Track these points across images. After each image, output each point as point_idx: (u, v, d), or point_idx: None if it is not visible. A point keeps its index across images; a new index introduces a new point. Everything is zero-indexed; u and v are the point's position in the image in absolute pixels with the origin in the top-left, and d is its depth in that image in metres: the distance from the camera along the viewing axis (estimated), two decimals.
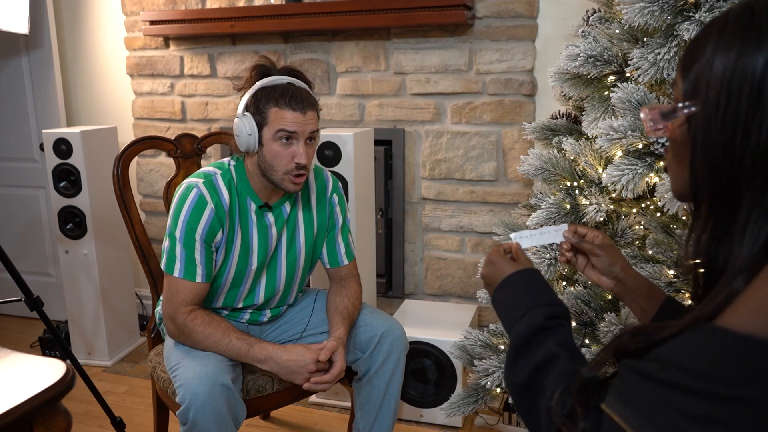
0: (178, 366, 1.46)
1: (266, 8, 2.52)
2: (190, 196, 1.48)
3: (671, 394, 0.57)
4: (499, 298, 0.96)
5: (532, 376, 0.80)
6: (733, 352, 0.55)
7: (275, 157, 1.48)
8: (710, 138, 0.66)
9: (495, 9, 2.37)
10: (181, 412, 1.37)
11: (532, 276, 0.95)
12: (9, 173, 3.10)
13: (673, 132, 0.73)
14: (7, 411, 0.96)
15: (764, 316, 0.55)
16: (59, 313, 3.01)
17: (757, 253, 0.62)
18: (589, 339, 1.61)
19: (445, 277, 2.64)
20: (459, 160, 2.52)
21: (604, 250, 1.05)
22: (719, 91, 0.65)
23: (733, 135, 0.64)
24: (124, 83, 3.01)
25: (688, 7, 1.43)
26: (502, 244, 1.03)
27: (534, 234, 1.07)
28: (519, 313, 0.89)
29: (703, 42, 0.69)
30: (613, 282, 1.05)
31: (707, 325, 0.59)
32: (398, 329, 1.65)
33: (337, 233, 1.72)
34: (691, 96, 0.69)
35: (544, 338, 0.83)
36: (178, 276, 1.49)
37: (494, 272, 0.98)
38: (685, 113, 0.69)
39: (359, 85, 2.62)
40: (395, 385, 1.64)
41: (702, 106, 0.67)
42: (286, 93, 1.46)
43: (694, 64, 0.69)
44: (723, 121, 0.64)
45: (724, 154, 0.65)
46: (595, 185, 1.65)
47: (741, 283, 0.60)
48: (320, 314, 1.73)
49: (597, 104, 1.65)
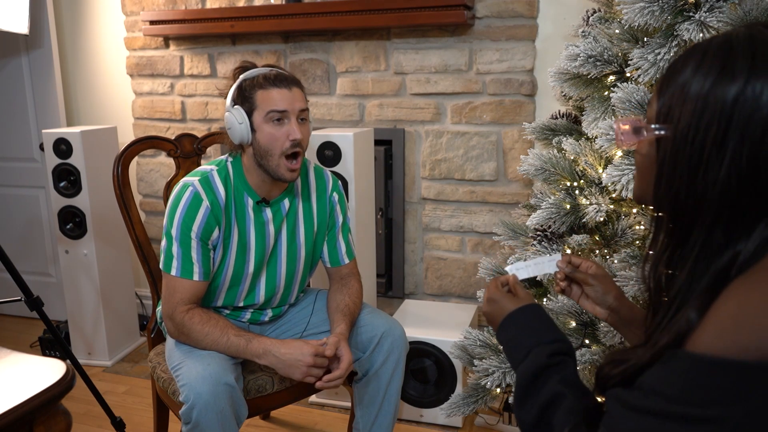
0: (180, 365, 1.46)
1: (266, 8, 2.52)
2: (185, 195, 1.50)
3: (653, 421, 0.60)
4: (503, 337, 0.97)
5: (540, 416, 0.82)
6: (703, 375, 0.58)
7: (269, 140, 1.49)
8: (676, 168, 0.69)
9: (495, 9, 2.37)
10: (184, 411, 1.37)
11: (534, 312, 0.96)
12: (9, 173, 3.10)
13: (641, 147, 0.76)
14: (7, 411, 0.96)
15: (725, 338, 0.58)
16: (59, 313, 3.01)
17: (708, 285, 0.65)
18: (589, 339, 1.61)
19: (445, 277, 2.64)
20: (459, 160, 2.52)
21: (597, 280, 1.07)
22: (689, 124, 0.67)
23: (697, 169, 0.66)
24: (124, 83, 3.01)
25: (688, 7, 1.43)
26: (499, 277, 1.05)
27: (529, 265, 1.10)
28: (523, 352, 0.90)
29: (683, 64, 0.71)
30: (607, 312, 1.07)
31: (677, 351, 0.62)
32: (398, 329, 1.65)
33: (337, 232, 1.72)
34: (664, 119, 0.71)
35: (548, 377, 0.85)
36: (176, 275, 1.50)
37: (496, 310, 1.00)
38: (655, 135, 0.72)
39: (359, 85, 2.62)
40: (395, 386, 1.64)
41: (672, 134, 0.69)
42: (268, 75, 1.51)
43: (671, 86, 0.71)
44: (690, 154, 0.67)
45: (687, 188, 0.68)
46: (595, 185, 1.65)
47: (694, 314, 0.64)
48: (320, 314, 1.73)
49: (597, 104, 1.65)
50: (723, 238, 0.66)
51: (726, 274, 0.65)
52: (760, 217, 0.65)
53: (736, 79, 0.64)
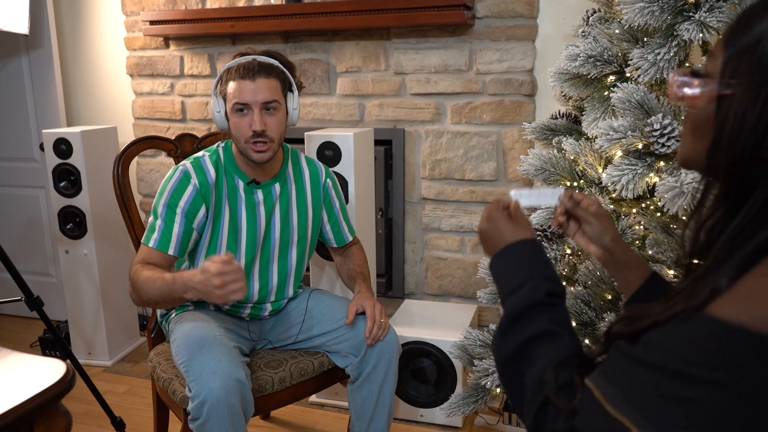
0: (190, 361, 1.45)
1: (266, 8, 2.52)
2: (176, 174, 1.58)
3: (653, 375, 0.59)
4: (498, 263, 0.94)
5: (522, 346, 0.80)
6: (717, 340, 0.56)
7: (236, 129, 1.57)
8: (742, 131, 0.62)
9: (495, 9, 2.37)
10: (194, 406, 1.36)
11: (534, 247, 0.93)
12: (9, 173, 3.10)
13: (698, 103, 0.69)
14: (7, 411, 0.96)
15: (752, 308, 0.56)
16: (59, 313, 3.01)
17: (748, 253, 0.62)
18: (589, 339, 1.61)
19: (445, 277, 2.64)
20: (459, 160, 2.52)
21: (596, 218, 1.05)
22: (762, 83, 0.61)
23: (764, 136, 0.61)
24: (124, 83, 3.01)
25: (688, 7, 1.43)
26: (502, 200, 1.01)
27: (532, 194, 1.07)
28: (518, 282, 0.87)
29: (760, 14, 0.63)
30: (601, 251, 1.05)
31: (696, 312, 0.60)
32: (389, 332, 1.66)
33: (338, 215, 1.83)
34: (731, 74, 0.64)
35: (541, 313, 0.82)
36: (152, 246, 1.55)
37: (493, 230, 0.96)
38: (721, 90, 0.65)
39: (359, 85, 2.62)
40: (388, 389, 1.64)
41: (740, 93, 0.63)
42: (240, 66, 1.55)
43: (743, 36, 0.64)
44: (759, 118, 0.61)
45: (751, 152, 0.62)
46: (595, 185, 1.65)
47: (725, 281, 0.61)
48: (313, 313, 1.73)
49: (597, 104, 1.65)
50: None
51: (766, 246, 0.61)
52: None
53: None
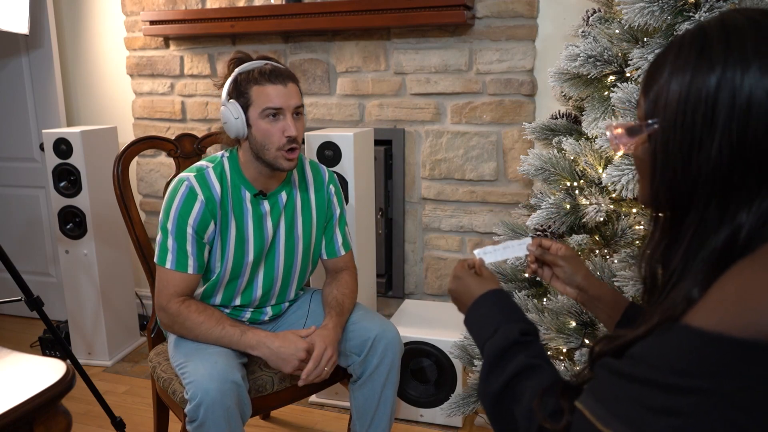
0: (186, 363, 1.46)
1: (266, 8, 2.52)
2: (181, 190, 1.52)
3: (638, 388, 0.61)
4: (471, 316, 0.98)
5: (506, 384, 0.82)
6: (697, 348, 0.58)
7: (265, 136, 1.50)
8: (668, 156, 0.69)
9: (495, 9, 2.37)
10: (190, 408, 1.37)
11: (502, 295, 0.98)
12: (9, 173, 3.10)
13: (636, 149, 0.77)
14: (7, 411, 0.96)
15: (726, 315, 0.58)
16: (59, 313, 3.01)
17: (708, 262, 0.65)
18: (588, 339, 1.61)
19: (446, 277, 2.64)
20: (459, 160, 2.52)
21: (566, 261, 1.09)
22: (676, 111, 0.68)
23: (689, 152, 0.67)
24: (124, 83, 3.01)
25: (688, 7, 1.43)
26: (467, 259, 1.06)
27: (497, 249, 1.10)
28: (492, 328, 0.91)
29: (662, 64, 0.72)
30: (576, 291, 1.09)
31: (674, 323, 0.63)
32: (391, 332, 1.64)
33: (334, 224, 1.75)
34: (652, 115, 0.72)
35: (518, 351, 0.85)
36: (171, 267, 1.52)
37: (461, 288, 1.01)
38: (647, 131, 0.72)
39: (359, 85, 2.62)
40: (390, 389, 1.64)
41: (660, 125, 0.70)
42: (264, 70, 1.51)
43: (654, 84, 0.72)
44: (680, 139, 0.68)
45: (682, 171, 0.68)
46: (595, 185, 1.65)
47: (697, 291, 0.64)
48: (314, 316, 1.73)
49: (597, 104, 1.65)
50: (718, 213, 0.66)
51: (729, 250, 0.65)
52: (759, 190, 0.65)
53: (715, 68, 0.65)
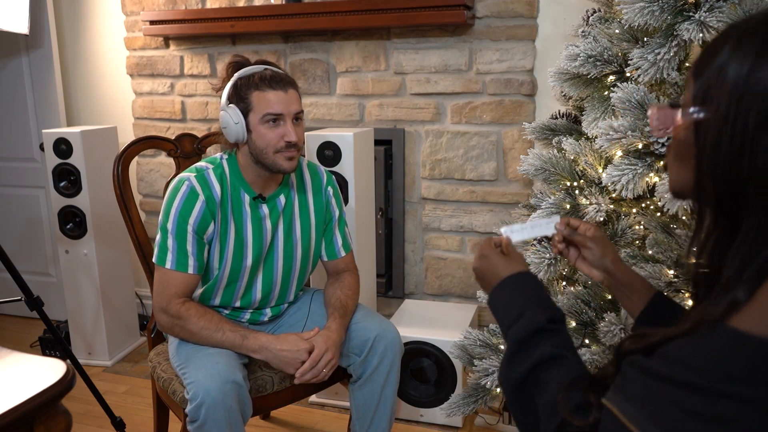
0: (187, 363, 1.46)
1: (266, 8, 2.52)
2: (182, 190, 1.52)
3: (674, 390, 0.57)
4: (496, 298, 0.95)
5: (529, 372, 0.80)
6: (741, 353, 0.56)
7: (265, 141, 1.51)
8: (719, 151, 0.65)
9: (495, 9, 2.37)
10: (191, 408, 1.37)
11: (530, 278, 0.95)
12: (9, 173, 3.10)
13: (678, 133, 0.72)
14: (7, 411, 0.96)
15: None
16: (59, 313, 3.01)
17: (759, 267, 0.62)
18: (589, 339, 1.61)
19: (445, 277, 2.64)
20: (459, 160, 2.52)
21: (595, 243, 1.05)
22: (729, 103, 0.64)
23: (741, 151, 0.63)
24: (124, 83, 3.01)
25: (688, 7, 1.43)
26: (493, 237, 1.03)
27: (525, 227, 1.06)
28: (517, 312, 0.88)
29: (720, 46, 0.67)
30: (603, 274, 1.06)
31: (717, 325, 0.59)
32: (392, 332, 1.64)
33: (334, 226, 1.74)
34: (702, 101, 0.67)
35: (545, 339, 0.83)
36: (170, 267, 1.51)
37: (487, 267, 0.98)
38: (694, 117, 0.68)
39: (359, 85, 2.62)
40: (390, 389, 1.64)
41: (712, 115, 0.66)
42: (264, 76, 1.51)
43: (707, 68, 0.67)
44: (732, 135, 0.63)
45: (733, 169, 0.64)
46: (595, 185, 1.65)
47: (743, 294, 0.61)
48: (315, 317, 1.73)
49: (597, 104, 1.65)
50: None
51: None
52: None
53: None
